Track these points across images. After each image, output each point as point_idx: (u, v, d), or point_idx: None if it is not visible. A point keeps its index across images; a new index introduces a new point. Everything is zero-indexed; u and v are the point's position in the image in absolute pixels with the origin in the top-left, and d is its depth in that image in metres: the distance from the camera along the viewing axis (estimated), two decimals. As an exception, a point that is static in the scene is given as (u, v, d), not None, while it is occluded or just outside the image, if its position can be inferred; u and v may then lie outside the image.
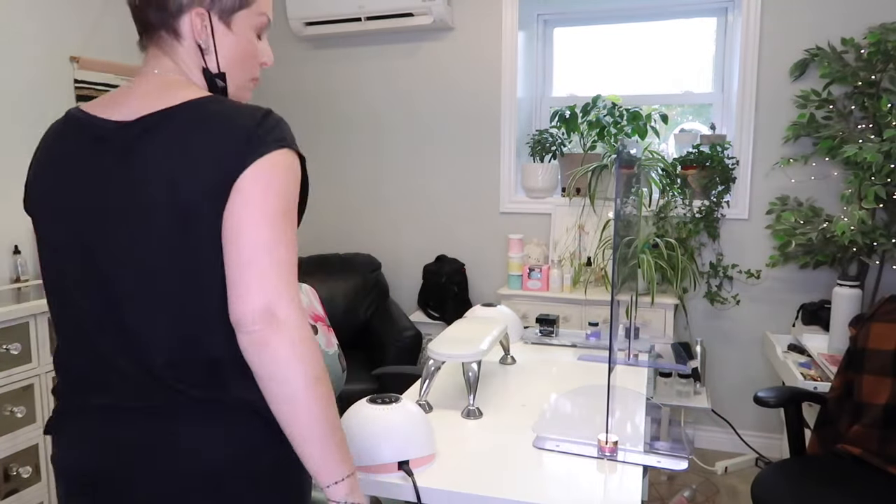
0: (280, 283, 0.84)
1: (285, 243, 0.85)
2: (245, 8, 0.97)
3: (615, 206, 1.33)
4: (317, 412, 0.84)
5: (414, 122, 3.43)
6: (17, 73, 2.36)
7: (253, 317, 0.82)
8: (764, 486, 1.77)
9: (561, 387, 1.65)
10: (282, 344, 0.82)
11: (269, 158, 0.86)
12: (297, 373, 0.83)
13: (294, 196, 0.89)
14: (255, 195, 0.84)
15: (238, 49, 0.98)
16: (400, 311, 3.14)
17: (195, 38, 0.95)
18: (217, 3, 0.95)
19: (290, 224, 0.87)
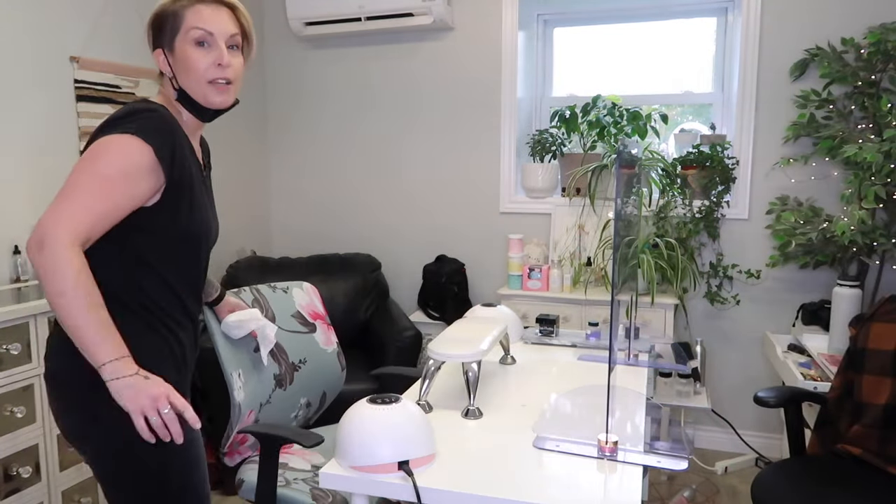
0: (54, 212, 1.09)
1: (89, 194, 1.11)
2: (178, 32, 1.24)
3: (615, 206, 1.33)
4: (63, 316, 1.09)
5: (414, 122, 3.43)
6: (17, 73, 2.36)
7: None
8: (764, 486, 1.77)
9: (561, 387, 1.65)
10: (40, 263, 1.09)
11: (103, 139, 1.15)
12: (54, 291, 1.09)
13: (116, 166, 1.13)
14: (82, 160, 1.15)
15: (181, 65, 1.26)
16: (400, 311, 3.14)
17: (162, 69, 1.29)
18: (163, 41, 1.26)
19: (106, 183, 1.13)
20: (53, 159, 2.51)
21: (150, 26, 1.28)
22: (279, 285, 1.99)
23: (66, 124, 2.55)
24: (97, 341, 1.11)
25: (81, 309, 1.09)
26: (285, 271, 3.23)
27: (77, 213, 1.10)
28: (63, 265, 1.07)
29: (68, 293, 1.08)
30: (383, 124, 3.49)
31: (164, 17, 1.25)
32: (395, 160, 3.49)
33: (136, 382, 1.14)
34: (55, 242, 1.07)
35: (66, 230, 1.09)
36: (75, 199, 1.11)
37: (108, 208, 1.13)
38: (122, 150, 1.14)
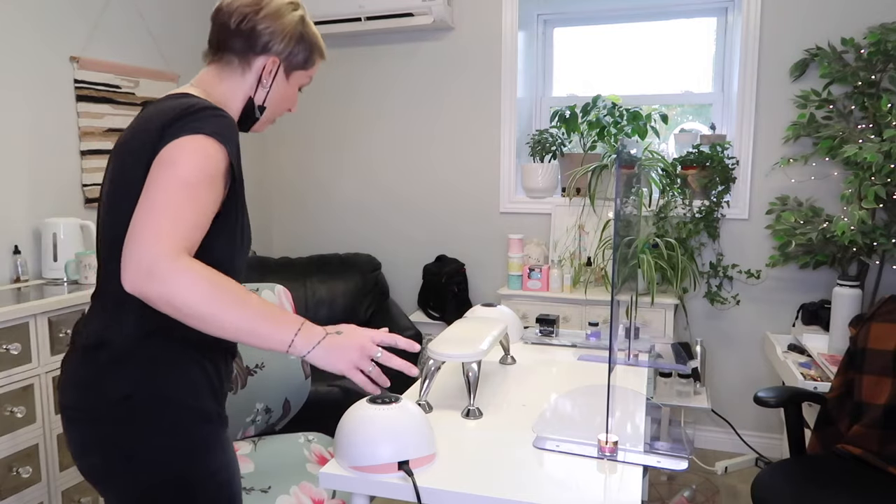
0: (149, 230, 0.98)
1: (177, 205, 1.00)
2: (303, 69, 1.26)
3: (615, 206, 1.33)
4: (223, 323, 0.98)
5: (414, 122, 3.43)
6: (17, 73, 2.36)
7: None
8: (764, 486, 1.77)
9: (561, 387, 1.65)
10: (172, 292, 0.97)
11: (178, 142, 1.04)
12: (198, 305, 0.97)
13: (199, 171, 1.03)
14: (159, 167, 1.03)
15: (284, 94, 1.26)
16: (400, 311, 3.14)
17: (261, 75, 1.20)
18: (289, 59, 1.22)
19: (192, 191, 1.02)
20: (54, 159, 2.51)
21: (290, 36, 1.20)
22: (249, 286, 1.95)
23: (66, 124, 2.55)
24: (271, 324, 1.01)
25: (235, 301, 0.99)
26: (285, 271, 3.24)
27: (171, 228, 0.98)
28: (200, 274, 0.97)
29: (217, 293, 0.98)
30: (383, 124, 3.49)
31: (305, 44, 1.23)
32: (395, 160, 3.49)
33: (334, 341, 1.07)
34: (163, 264, 0.95)
35: (169, 248, 0.97)
36: (164, 215, 0.98)
37: (199, 217, 1.02)
38: (202, 153, 1.04)
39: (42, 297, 2.12)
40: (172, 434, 1.10)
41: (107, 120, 2.70)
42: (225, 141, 1.08)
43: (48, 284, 2.36)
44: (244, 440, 1.87)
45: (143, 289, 0.95)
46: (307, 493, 1.60)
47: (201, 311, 0.96)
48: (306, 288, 3.20)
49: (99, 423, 1.10)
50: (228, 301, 0.98)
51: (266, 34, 1.18)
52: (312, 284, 3.22)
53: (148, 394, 1.09)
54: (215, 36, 1.20)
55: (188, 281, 0.95)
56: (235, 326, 0.98)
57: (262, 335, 1.01)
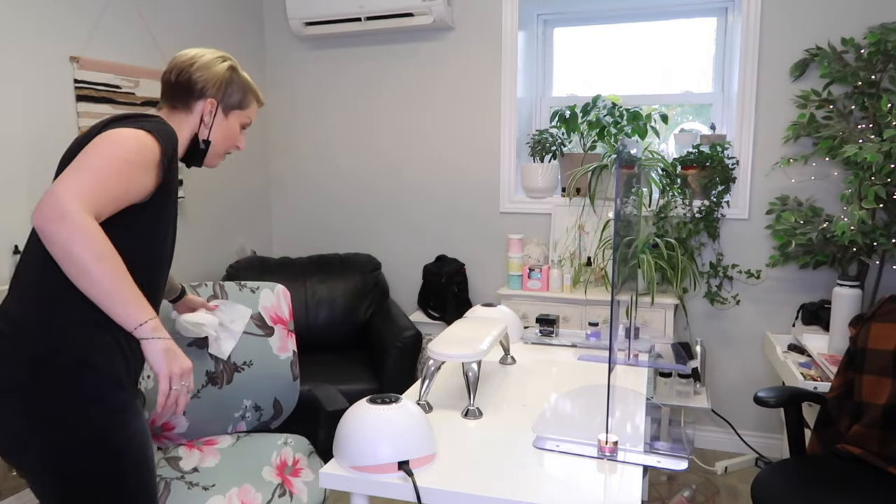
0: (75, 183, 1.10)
1: (105, 172, 1.13)
2: (240, 109, 1.48)
3: (615, 206, 1.33)
4: (99, 280, 1.09)
5: (414, 122, 3.43)
6: (17, 73, 2.36)
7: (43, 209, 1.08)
8: (764, 486, 1.77)
9: (561, 387, 1.65)
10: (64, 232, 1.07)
11: (120, 129, 1.21)
12: (89, 259, 1.08)
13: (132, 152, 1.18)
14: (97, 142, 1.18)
15: (226, 132, 1.46)
16: (400, 311, 3.14)
17: (202, 115, 1.42)
18: (224, 100, 1.44)
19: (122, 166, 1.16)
20: (53, 159, 2.51)
21: (221, 81, 1.42)
22: (250, 284, 1.98)
23: (66, 124, 2.55)
24: (136, 300, 1.13)
25: (119, 270, 1.11)
26: (285, 271, 3.24)
27: (94, 190, 1.11)
28: (94, 231, 1.08)
29: (107, 256, 1.09)
30: (383, 124, 3.49)
31: (235, 84, 1.46)
32: (395, 160, 3.49)
33: (173, 347, 1.18)
34: (79, 212, 1.07)
35: (86, 203, 1.09)
36: (92, 176, 1.11)
37: (121, 192, 1.15)
38: (139, 141, 1.20)
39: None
40: (94, 398, 1.19)
41: (107, 120, 2.69)
42: (161, 139, 1.24)
43: (48, 284, 2.36)
44: (230, 434, 1.89)
45: (51, 227, 1.06)
46: (241, 497, 1.60)
47: (87, 266, 1.07)
48: (306, 288, 3.20)
49: (16, 392, 1.16)
50: (115, 264, 1.11)
51: (201, 81, 1.40)
52: (312, 284, 3.21)
53: (67, 359, 1.18)
54: (163, 88, 1.42)
55: (90, 236, 1.07)
56: (108, 290, 1.10)
57: (125, 305, 1.12)
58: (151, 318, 1.16)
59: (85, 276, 1.08)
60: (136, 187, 1.19)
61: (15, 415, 1.16)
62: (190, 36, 3.14)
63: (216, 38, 3.31)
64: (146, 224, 1.26)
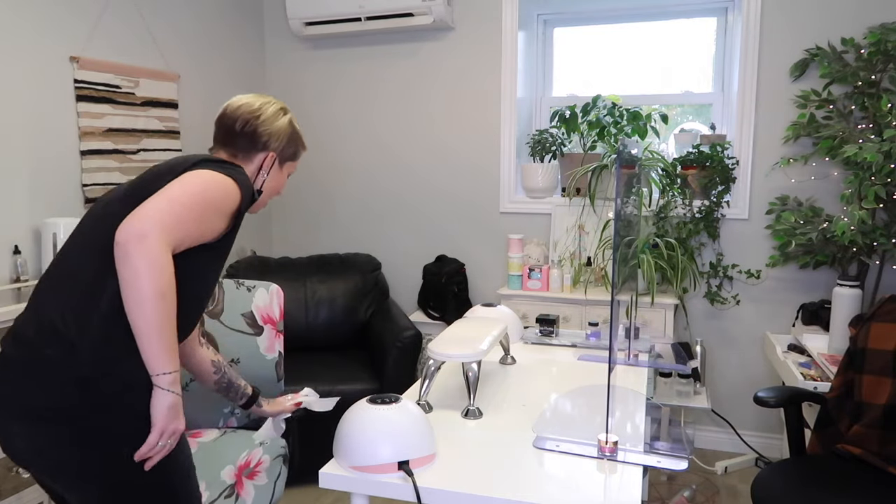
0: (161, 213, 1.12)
1: (189, 210, 1.16)
2: (292, 160, 1.52)
3: (615, 206, 1.33)
4: (151, 317, 1.09)
5: (413, 122, 3.43)
6: (18, 73, 2.36)
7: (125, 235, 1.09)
8: (764, 486, 1.77)
9: (561, 387, 1.65)
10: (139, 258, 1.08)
11: (213, 172, 1.25)
12: (147, 290, 1.08)
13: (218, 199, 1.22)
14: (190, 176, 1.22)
15: (277, 181, 1.50)
16: (400, 311, 3.14)
17: (261, 166, 1.45)
18: (282, 153, 1.48)
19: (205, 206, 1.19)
20: (54, 159, 2.51)
21: (284, 135, 1.46)
22: (247, 283, 2.00)
23: (66, 124, 2.55)
24: (171, 349, 1.14)
25: (171, 313, 1.12)
26: (285, 271, 3.24)
27: (176, 223, 1.13)
28: (166, 265, 1.09)
29: (168, 295, 1.10)
30: (383, 124, 3.49)
31: (294, 138, 1.50)
32: (395, 160, 3.49)
33: (178, 405, 1.18)
34: (158, 241, 1.08)
35: (167, 233, 1.11)
36: (179, 210, 1.14)
37: (197, 232, 1.19)
38: (226, 188, 1.24)
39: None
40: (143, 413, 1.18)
41: (107, 120, 2.70)
42: (244, 191, 1.29)
43: (48, 284, 2.36)
44: (219, 429, 1.91)
45: (129, 245, 1.07)
46: None
47: (146, 298, 1.08)
48: (306, 288, 3.20)
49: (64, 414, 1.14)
50: (170, 307, 1.11)
51: (265, 135, 1.43)
52: (312, 284, 3.21)
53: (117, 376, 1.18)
54: (222, 134, 1.43)
55: (160, 270, 1.08)
56: (153, 328, 1.10)
57: (161, 350, 1.12)
58: (175, 371, 1.16)
59: (139, 306, 1.09)
60: (210, 230, 1.22)
61: (63, 438, 1.15)
62: (190, 36, 3.14)
63: (216, 38, 3.31)
64: (203, 263, 1.28)
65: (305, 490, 2.69)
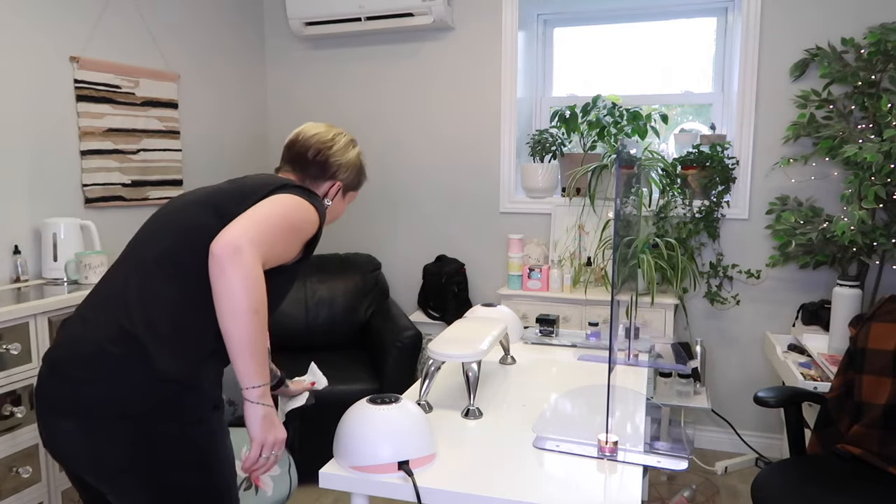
0: (254, 231, 1.15)
1: (278, 230, 1.20)
2: (354, 190, 1.56)
3: (615, 206, 1.33)
4: (245, 331, 1.11)
5: (414, 122, 3.43)
6: (17, 73, 2.36)
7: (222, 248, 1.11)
8: (764, 486, 1.77)
9: (561, 387, 1.65)
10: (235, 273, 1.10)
11: (297, 196, 1.28)
12: (240, 301, 1.11)
13: (300, 223, 1.26)
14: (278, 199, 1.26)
15: (338, 209, 1.54)
16: (400, 311, 3.14)
17: (327, 193, 1.49)
18: (347, 183, 1.52)
19: (288, 229, 1.23)
20: (54, 159, 2.51)
21: (352, 167, 1.51)
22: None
23: (66, 124, 2.55)
24: (262, 363, 1.15)
25: (263, 328, 1.13)
26: (285, 271, 3.24)
27: (266, 242, 1.16)
28: (259, 280, 1.12)
29: (260, 311, 1.12)
30: (383, 124, 3.49)
31: (360, 173, 1.55)
32: (395, 160, 3.49)
33: (272, 415, 1.20)
34: (252, 255, 1.11)
35: (259, 250, 1.14)
36: (267, 231, 1.17)
37: (280, 253, 1.22)
38: (309, 216, 1.28)
39: (42, 297, 2.12)
40: (197, 420, 1.20)
41: (107, 120, 2.69)
42: (322, 218, 1.34)
43: (48, 284, 2.36)
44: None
45: (223, 259, 1.10)
46: None
47: (242, 312, 1.10)
48: (306, 288, 3.20)
49: (128, 418, 1.15)
50: (260, 323, 1.12)
51: (335, 165, 1.48)
52: (312, 284, 3.22)
53: (181, 384, 1.19)
54: (293, 158, 1.47)
55: (255, 285, 1.11)
56: (247, 342, 1.12)
57: (254, 364, 1.14)
58: (265, 385, 1.17)
59: (235, 319, 1.10)
60: (290, 253, 1.25)
61: (119, 439, 1.15)
62: (190, 36, 3.14)
63: (216, 38, 3.31)
64: (276, 285, 1.31)
65: (305, 490, 2.69)
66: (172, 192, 3.03)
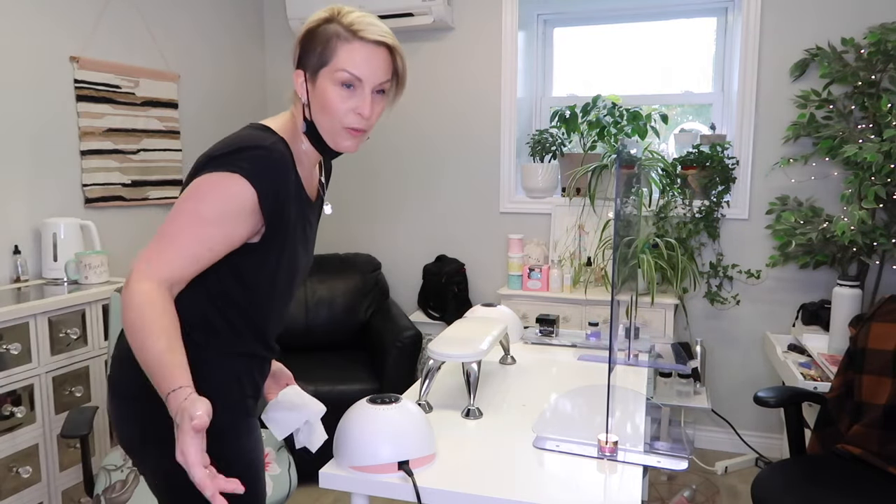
0: (147, 251, 1.08)
1: (181, 237, 1.08)
2: (324, 66, 1.16)
3: (615, 206, 1.33)
4: (135, 352, 1.03)
5: (413, 122, 3.43)
6: (17, 73, 2.36)
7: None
8: (764, 486, 1.77)
9: (561, 387, 1.65)
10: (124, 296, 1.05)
11: (209, 176, 1.09)
12: (127, 328, 1.04)
13: (217, 209, 1.08)
14: (183, 197, 1.10)
15: (318, 100, 1.17)
16: (400, 311, 3.14)
17: (299, 93, 1.20)
18: (307, 63, 1.18)
19: (201, 226, 1.08)
20: (54, 159, 2.51)
21: (299, 42, 1.19)
22: None
23: (66, 124, 2.55)
24: (161, 374, 1.02)
25: (143, 343, 1.03)
26: (285, 271, 3.23)
27: (168, 255, 1.07)
28: (127, 303, 1.04)
29: (132, 330, 1.03)
30: (382, 124, 3.49)
31: (315, 38, 1.17)
32: (395, 160, 3.49)
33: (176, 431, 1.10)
34: (131, 284, 1.05)
35: (151, 270, 1.06)
36: (170, 241, 1.08)
37: (202, 251, 1.09)
38: (226, 192, 1.08)
39: (42, 297, 2.12)
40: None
41: (107, 120, 2.69)
42: (257, 180, 1.09)
43: (48, 284, 2.36)
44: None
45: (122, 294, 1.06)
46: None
47: (128, 335, 1.04)
48: (306, 288, 3.20)
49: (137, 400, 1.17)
50: (140, 338, 1.03)
51: (292, 57, 1.22)
52: (312, 284, 3.22)
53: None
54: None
55: (126, 308, 1.04)
56: (141, 361, 1.03)
57: (155, 379, 1.02)
58: (170, 392, 1.04)
59: (129, 342, 1.05)
60: (225, 243, 1.10)
61: (132, 419, 1.19)
62: (190, 36, 3.14)
63: (216, 39, 3.31)
64: (253, 265, 1.17)
65: (305, 490, 2.69)
66: (172, 192, 3.03)
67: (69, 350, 2.17)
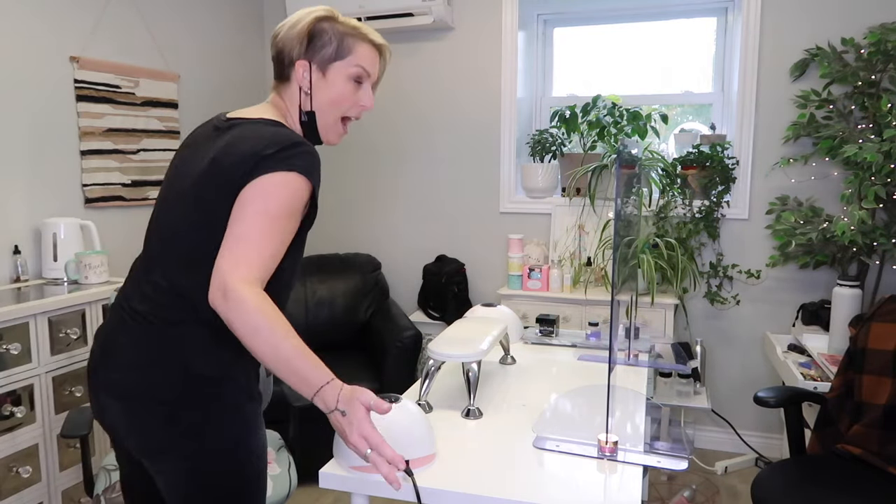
0: (232, 255, 1.08)
1: (261, 237, 1.10)
2: (340, 60, 1.24)
3: (615, 206, 1.33)
4: (267, 354, 1.05)
5: (414, 122, 3.43)
6: (17, 73, 2.36)
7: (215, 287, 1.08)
8: (764, 486, 1.77)
9: (561, 387, 1.65)
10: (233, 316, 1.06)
11: (271, 177, 1.12)
12: (244, 336, 1.06)
13: (286, 207, 1.13)
14: (251, 198, 1.12)
15: (325, 91, 1.25)
16: (400, 311, 3.14)
17: (299, 83, 1.24)
18: (316, 57, 1.23)
19: (276, 224, 1.12)
20: (54, 159, 2.51)
21: (307, 33, 1.23)
22: None
23: (66, 124, 2.55)
24: (299, 369, 1.06)
25: (279, 340, 1.05)
26: (285, 271, 3.24)
27: (252, 258, 1.09)
28: (242, 310, 1.05)
29: (255, 336, 1.05)
30: (383, 124, 3.49)
31: (325, 33, 1.23)
32: (395, 160, 3.49)
33: (340, 419, 1.10)
34: (234, 291, 1.05)
35: (250, 273, 1.08)
36: (253, 243, 1.10)
37: (278, 248, 1.13)
38: (290, 190, 1.14)
39: (42, 297, 2.12)
40: (232, 407, 1.19)
41: (107, 120, 2.70)
42: (311, 176, 1.17)
43: (48, 284, 2.36)
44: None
45: (218, 307, 1.07)
46: None
47: (246, 342, 1.06)
48: (306, 288, 3.20)
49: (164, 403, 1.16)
50: (272, 342, 1.06)
51: (288, 45, 1.24)
52: (312, 284, 3.22)
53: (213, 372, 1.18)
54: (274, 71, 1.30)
55: (243, 313, 1.05)
56: (269, 362, 1.06)
57: (288, 376, 1.07)
58: (321, 387, 1.08)
59: (256, 349, 1.06)
60: (291, 234, 1.16)
61: (155, 420, 1.17)
62: (190, 36, 3.14)
63: (216, 39, 3.31)
64: (293, 250, 1.23)
65: (305, 490, 2.69)
66: (172, 192, 3.02)
67: (69, 350, 2.17)
